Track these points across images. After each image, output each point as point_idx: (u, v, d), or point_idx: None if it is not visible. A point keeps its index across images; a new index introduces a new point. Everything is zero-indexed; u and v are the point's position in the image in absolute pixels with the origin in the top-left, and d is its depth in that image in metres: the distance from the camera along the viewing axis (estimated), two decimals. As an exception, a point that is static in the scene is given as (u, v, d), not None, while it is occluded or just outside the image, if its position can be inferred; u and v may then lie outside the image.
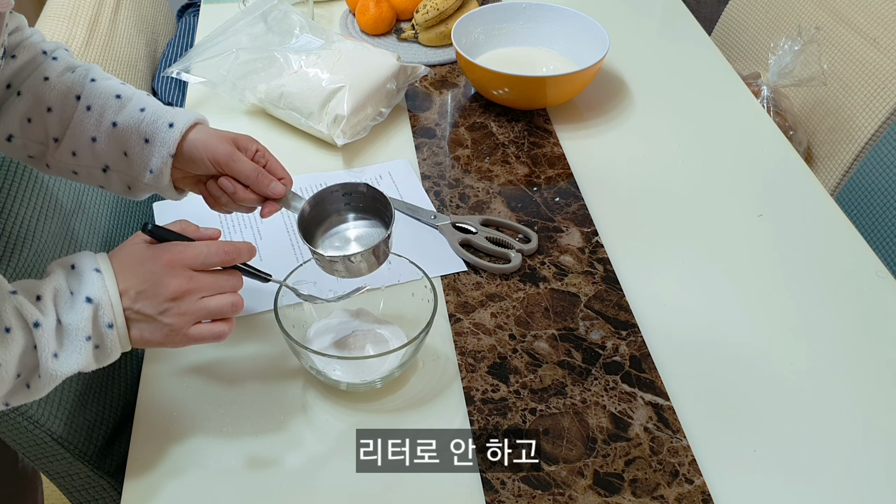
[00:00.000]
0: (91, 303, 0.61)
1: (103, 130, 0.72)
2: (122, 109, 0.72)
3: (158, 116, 0.72)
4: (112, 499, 0.85)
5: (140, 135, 0.72)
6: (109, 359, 0.63)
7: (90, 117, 0.72)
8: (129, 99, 0.73)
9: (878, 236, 1.09)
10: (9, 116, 0.73)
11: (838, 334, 0.83)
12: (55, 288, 0.61)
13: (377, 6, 1.27)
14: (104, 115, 0.72)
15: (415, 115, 1.14)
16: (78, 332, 0.60)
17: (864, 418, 0.75)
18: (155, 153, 0.72)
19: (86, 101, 0.72)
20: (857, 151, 1.23)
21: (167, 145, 0.72)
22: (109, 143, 0.72)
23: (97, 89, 0.73)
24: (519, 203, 0.98)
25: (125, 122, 0.72)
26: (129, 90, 0.75)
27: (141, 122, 0.72)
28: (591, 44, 1.14)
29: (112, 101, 0.73)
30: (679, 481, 0.68)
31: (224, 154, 0.72)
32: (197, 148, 0.72)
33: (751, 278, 0.89)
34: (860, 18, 1.29)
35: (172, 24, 1.57)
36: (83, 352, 0.60)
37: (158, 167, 0.72)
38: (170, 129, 0.72)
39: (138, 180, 0.74)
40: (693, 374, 0.78)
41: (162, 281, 0.62)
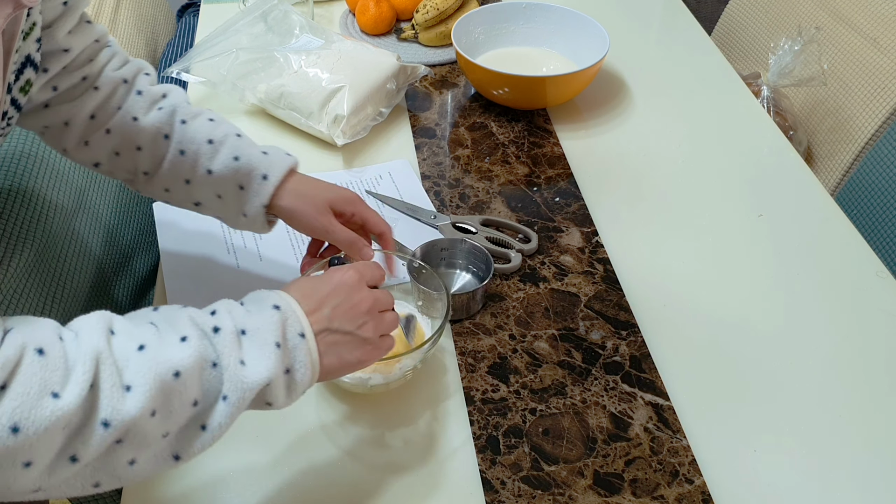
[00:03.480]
0: (279, 310, 0.56)
1: (198, 175, 0.74)
2: (215, 156, 0.74)
3: (253, 167, 0.73)
4: (112, 499, 0.85)
5: (235, 182, 0.74)
6: (299, 388, 0.56)
7: (184, 162, 0.74)
8: (221, 143, 0.74)
9: (878, 236, 1.09)
10: (97, 149, 0.74)
11: (838, 334, 0.83)
12: (228, 305, 0.56)
13: (377, 6, 1.27)
14: (198, 162, 0.74)
15: (415, 115, 1.14)
16: (267, 336, 0.54)
17: (864, 418, 0.75)
18: (249, 201, 0.74)
19: (178, 144, 0.74)
20: (858, 151, 1.23)
21: (261, 196, 0.73)
22: (204, 186, 0.74)
23: (189, 133, 0.74)
24: (519, 203, 0.98)
25: (220, 171, 0.73)
26: (220, 132, 0.75)
27: (236, 171, 0.73)
28: (591, 44, 1.14)
29: (205, 147, 0.74)
30: (679, 481, 0.68)
31: (320, 229, 0.74)
32: (293, 214, 0.75)
33: (751, 278, 0.89)
34: (860, 18, 1.29)
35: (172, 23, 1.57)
36: (273, 358, 0.54)
37: (253, 214, 0.75)
38: (264, 182, 0.73)
39: (231, 220, 0.77)
40: (693, 374, 0.78)
41: (354, 295, 0.61)
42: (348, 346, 0.59)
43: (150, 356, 0.49)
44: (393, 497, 0.68)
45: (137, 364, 0.49)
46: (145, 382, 0.48)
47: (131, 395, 0.48)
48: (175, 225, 0.94)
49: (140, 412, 0.48)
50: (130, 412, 0.47)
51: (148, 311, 0.55)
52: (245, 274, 0.88)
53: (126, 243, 1.03)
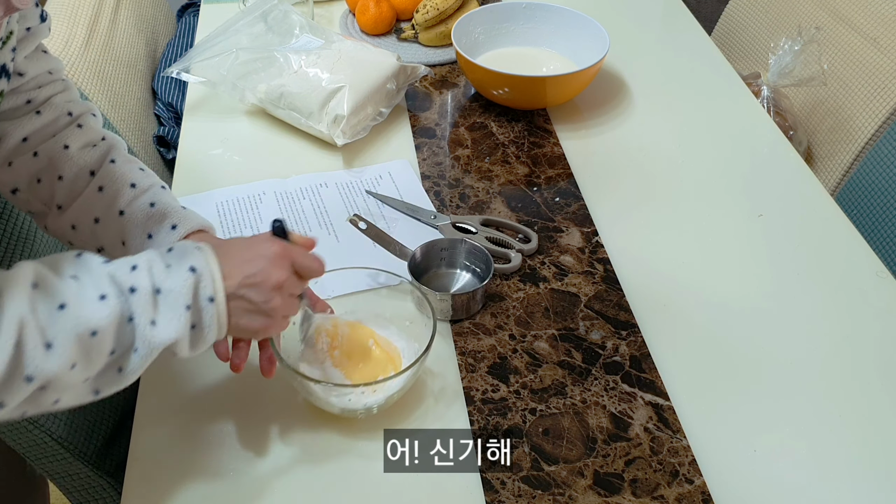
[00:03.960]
0: (194, 272, 0.59)
1: (109, 215, 0.71)
2: (133, 200, 0.72)
3: (166, 215, 0.71)
4: (112, 499, 0.85)
5: (144, 229, 0.71)
6: (204, 342, 0.61)
7: (100, 199, 0.71)
8: (143, 190, 0.72)
9: (878, 236, 1.09)
10: (19, 172, 0.72)
11: (839, 334, 0.83)
12: (149, 259, 0.59)
13: (377, 6, 1.27)
14: (114, 201, 0.71)
15: (415, 115, 1.14)
16: (178, 299, 0.58)
17: (864, 418, 0.75)
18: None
19: (100, 180, 0.72)
20: (858, 151, 1.23)
21: (165, 245, 0.69)
22: (112, 229, 0.71)
23: (114, 173, 0.72)
24: (519, 203, 0.98)
25: (132, 214, 0.71)
26: (146, 180, 0.73)
27: (148, 217, 0.71)
28: (591, 44, 1.14)
29: (126, 189, 0.72)
30: (679, 481, 0.68)
31: None
32: None
33: (751, 278, 0.89)
34: (860, 18, 1.29)
35: (172, 24, 1.57)
36: (182, 319, 0.58)
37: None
38: (171, 232, 0.71)
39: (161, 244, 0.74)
40: (693, 374, 0.78)
41: (270, 270, 0.62)
42: (252, 315, 0.63)
43: (70, 315, 0.54)
44: (393, 497, 0.68)
45: (59, 324, 0.53)
46: (65, 341, 0.53)
47: (52, 352, 0.53)
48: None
49: (60, 367, 0.53)
50: (52, 368, 0.53)
51: (71, 256, 0.58)
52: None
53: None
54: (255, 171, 1.02)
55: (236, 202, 0.97)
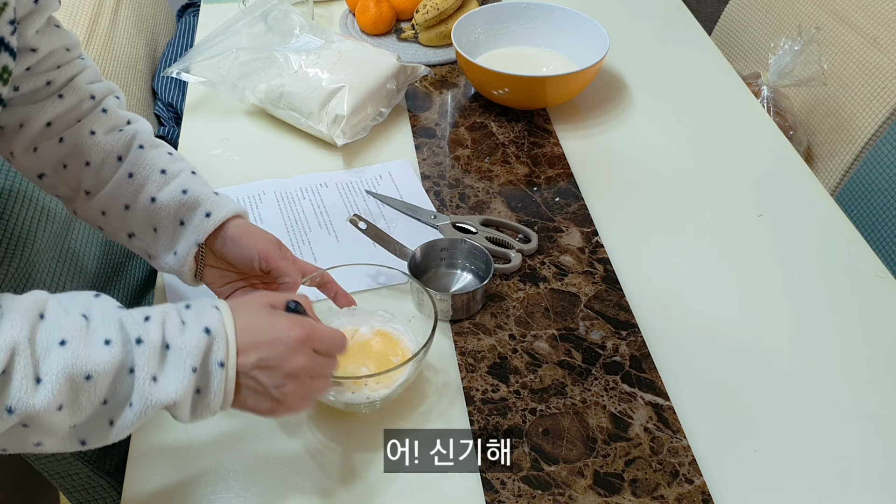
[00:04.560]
0: (208, 334, 0.55)
1: (140, 202, 0.71)
2: (164, 186, 0.71)
3: (199, 203, 0.70)
4: (112, 499, 0.85)
5: (176, 216, 0.71)
6: (207, 409, 0.56)
7: (130, 185, 0.71)
8: (173, 176, 0.71)
9: (878, 236, 1.09)
10: (44, 157, 0.71)
11: (838, 334, 0.83)
12: (164, 313, 0.56)
13: (377, 6, 1.27)
14: (144, 188, 0.70)
15: (415, 115, 1.14)
16: (186, 358, 0.54)
17: (864, 418, 0.75)
18: (184, 237, 0.71)
19: (129, 167, 0.71)
20: (858, 151, 1.23)
21: (198, 233, 0.70)
22: (142, 215, 0.71)
23: (143, 159, 0.71)
24: (519, 203, 0.98)
25: (164, 201, 0.70)
26: (175, 166, 0.72)
27: (181, 205, 0.70)
28: (591, 44, 1.14)
29: (156, 175, 0.71)
30: (679, 481, 0.68)
31: (273, 252, 0.71)
32: (237, 239, 0.71)
33: (751, 278, 0.89)
34: (860, 18, 1.29)
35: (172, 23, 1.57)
36: (186, 380, 0.54)
37: (184, 252, 0.71)
38: (206, 219, 0.70)
39: (160, 257, 0.73)
40: (693, 374, 0.78)
41: (288, 357, 0.58)
42: (260, 397, 0.59)
43: (69, 353, 0.51)
44: (393, 497, 0.68)
45: (55, 359, 0.51)
46: (57, 379, 0.50)
47: (41, 388, 0.50)
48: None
49: (46, 405, 0.50)
50: (36, 405, 0.49)
51: (89, 297, 0.56)
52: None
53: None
54: (255, 171, 1.02)
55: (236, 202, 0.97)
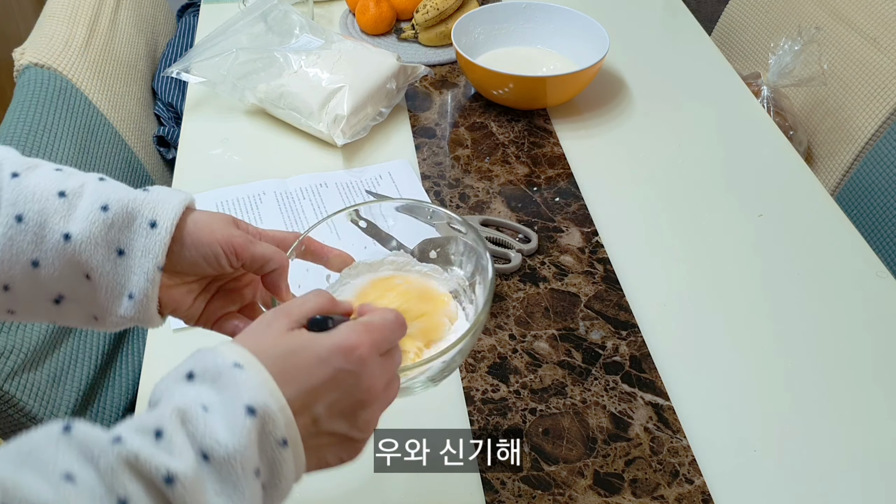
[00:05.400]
0: (253, 415, 0.39)
1: (49, 248, 0.49)
2: (72, 213, 0.50)
3: (133, 215, 0.50)
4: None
5: (109, 246, 0.50)
6: (280, 498, 0.42)
7: (24, 232, 0.49)
8: (77, 195, 0.50)
9: (878, 236, 1.09)
10: None
11: (839, 334, 0.83)
12: (179, 411, 0.39)
13: (377, 6, 1.27)
14: (46, 227, 0.49)
15: (415, 114, 1.14)
16: (244, 466, 0.38)
17: (864, 418, 0.75)
18: (135, 268, 0.50)
19: (11, 207, 0.49)
20: (858, 151, 1.23)
21: (152, 255, 0.50)
22: (61, 265, 0.49)
23: (26, 188, 0.50)
24: (519, 203, 0.98)
25: (83, 233, 0.49)
26: (73, 181, 0.51)
27: (109, 227, 0.50)
28: (591, 43, 1.14)
29: (54, 202, 0.50)
30: (679, 481, 0.68)
31: (240, 238, 0.53)
32: (195, 240, 0.52)
33: (750, 278, 0.89)
34: (860, 18, 1.29)
35: (172, 24, 1.57)
36: (249, 491, 0.39)
37: (142, 288, 0.50)
38: (153, 231, 0.50)
39: (109, 311, 0.51)
40: (693, 374, 0.78)
41: (357, 384, 0.44)
42: (340, 447, 0.46)
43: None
44: (394, 496, 0.68)
45: None
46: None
47: None
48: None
49: None
50: None
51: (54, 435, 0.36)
52: (245, 274, 0.88)
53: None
54: (255, 171, 1.02)
55: (236, 202, 0.97)
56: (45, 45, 1.05)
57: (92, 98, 1.07)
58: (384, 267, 0.65)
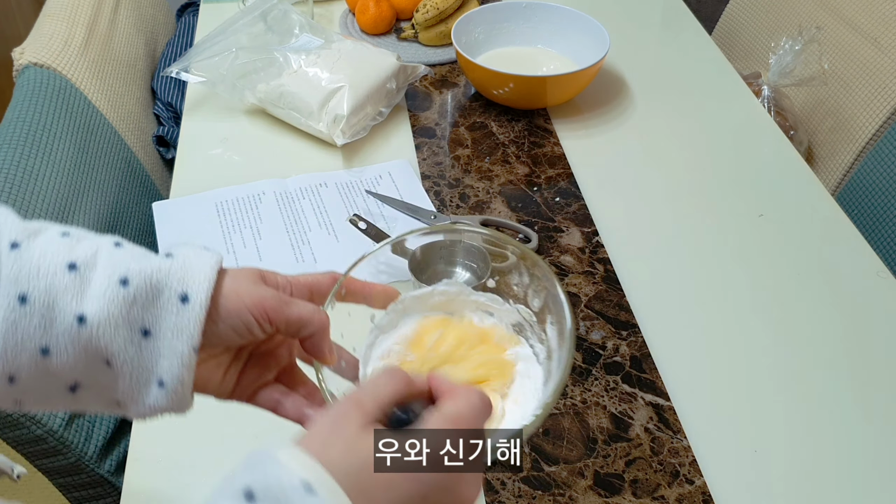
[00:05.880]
0: None
1: (61, 333, 0.42)
2: (86, 288, 0.42)
3: (159, 288, 0.43)
4: (112, 499, 0.85)
5: (132, 327, 0.43)
6: None
7: (29, 315, 0.41)
8: (90, 265, 0.43)
9: (879, 236, 1.09)
10: None
11: (839, 334, 0.83)
12: None
13: (377, 5, 1.27)
14: (56, 308, 0.41)
15: (415, 114, 1.13)
16: None
17: (864, 418, 0.75)
18: (164, 351, 0.43)
19: (13, 286, 0.41)
20: (858, 151, 1.23)
21: (185, 333, 0.43)
22: (76, 353, 0.42)
23: (28, 262, 0.42)
24: (519, 203, 0.97)
25: (100, 313, 0.42)
26: (84, 248, 0.44)
27: (131, 304, 0.42)
28: (591, 43, 1.14)
29: (63, 277, 0.42)
30: (679, 482, 0.68)
31: (272, 300, 0.46)
32: (226, 312, 0.45)
33: (751, 278, 0.89)
34: (861, 18, 1.29)
35: (172, 23, 1.57)
36: None
37: (175, 375, 0.43)
38: (185, 307, 0.43)
39: (135, 400, 0.44)
40: (693, 374, 0.78)
41: (453, 495, 0.40)
42: None
43: None
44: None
45: None
46: None
47: None
48: (175, 225, 0.94)
49: None
50: None
51: None
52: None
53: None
54: (254, 171, 1.02)
55: (236, 202, 0.97)
56: (44, 45, 1.04)
57: (91, 98, 1.07)
58: (434, 298, 0.58)
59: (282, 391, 0.51)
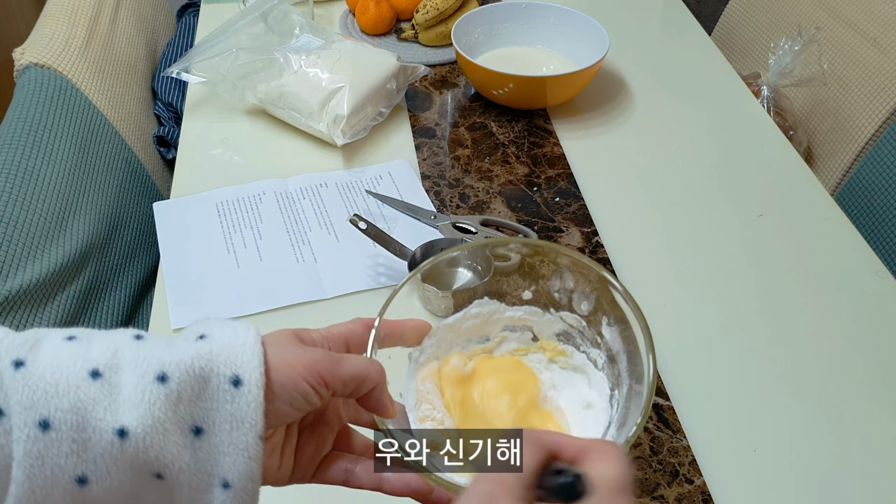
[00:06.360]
0: None
1: (99, 455, 0.35)
2: (117, 396, 0.36)
3: (206, 377, 0.37)
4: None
5: (182, 428, 0.37)
6: None
7: (56, 443, 0.35)
8: (114, 368, 0.37)
9: (878, 236, 1.09)
10: None
11: (838, 334, 0.83)
12: None
13: (377, 6, 1.27)
14: (88, 426, 0.35)
15: (415, 114, 1.14)
16: None
17: (864, 418, 0.75)
18: (223, 447, 0.37)
19: (29, 413, 0.35)
20: (858, 151, 1.23)
21: (247, 422, 0.37)
22: (120, 473, 0.36)
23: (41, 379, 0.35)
24: (519, 203, 0.98)
25: (144, 420, 0.36)
26: (99, 349, 0.37)
27: (175, 402, 0.37)
28: (591, 43, 1.14)
29: (88, 389, 0.36)
30: (679, 481, 0.68)
31: (324, 361, 0.41)
32: (287, 387, 0.40)
33: (751, 278, 0.89)
34: (860, 18, 1.29)
35: (172, 24, 1.57)
36: None
37: (243, 472, 0.38)
38: (238, 392, 0.37)
39: None
40: (693, 373, 0.78)
41: None
42: None
43: None
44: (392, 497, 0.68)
45: None
46: None
47: None
48: (175, 225, 0.94)
49: None
50: None
51: None
52: (245, 274, 0.88)
53: (126, 243, 1.03)
54: (255, 171, 1.02)
55: (236, 202, 0.97)
56: (44, 45, 1.05)
57: (92, 98, 1.07)
58: (467, 323, 0.55)
59: (350, 459, 0.47)
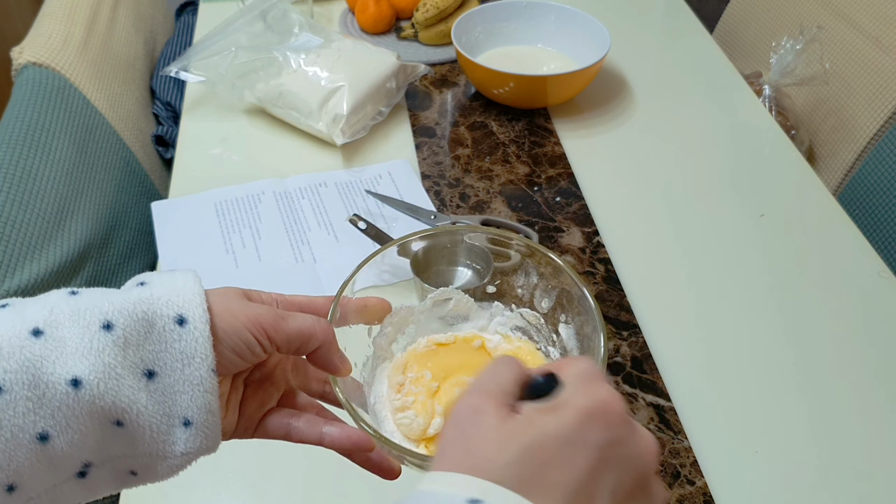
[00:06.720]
0: None
1: (56, 408, 0.35)
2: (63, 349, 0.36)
3: (150, 320, 0.38)
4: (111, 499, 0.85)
5: (134, 371, 0.37)
6: None
7: (11, 404, 0.34)
8: (54, 324, 0.36)
9: (880, 236, 1.08)
10: None
11: (840, 334, 0.82)
12: None
13: (377, 5, 1.27)
14: (41, 381, 0.35)
15: (415, 114, 1.13)
16: None
17: (865, 419, 0.74)
18: (178, 386, 0.38)
19: None
20: (860, 151, 1.23)
21: (198, 357, 0.38)
22: (79, 423, 0.36)
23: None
24: (519, 203, 0.97)
25: (96, 367, 0.36)
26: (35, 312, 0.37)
27: (123, 347, 0.37)
28: (592, 42, 1.14)
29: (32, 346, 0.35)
30: (681, 482, 0.68)
31: (268, 315, 0.42)
32: (229, 333, 0.40)
33: (752, 278, 0.89)
34: (862, 17, 1.29)
35: (171, 22, 1.57)
36: None
37: (202, 406, 0.39)
38: (184, 330, 0.38)
39: (162, 454, 0.39)
40: (694, 374, 0.78)
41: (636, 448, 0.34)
42: None
43: None
44: (393, 497, 0.68)
45: None
46: None
47: None
48: (174, 225, 0.94)
49: None
50: None
51: None
52: (244, 274, 0.87)
53: (124, 243, 1.03)
54: (254, 171, 1.02)
55: (235, 202, 0.97)
56: (43, 44, 1.04)
57: (90, 97, 1.07)
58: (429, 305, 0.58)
59: (291, 413, 0.47)
